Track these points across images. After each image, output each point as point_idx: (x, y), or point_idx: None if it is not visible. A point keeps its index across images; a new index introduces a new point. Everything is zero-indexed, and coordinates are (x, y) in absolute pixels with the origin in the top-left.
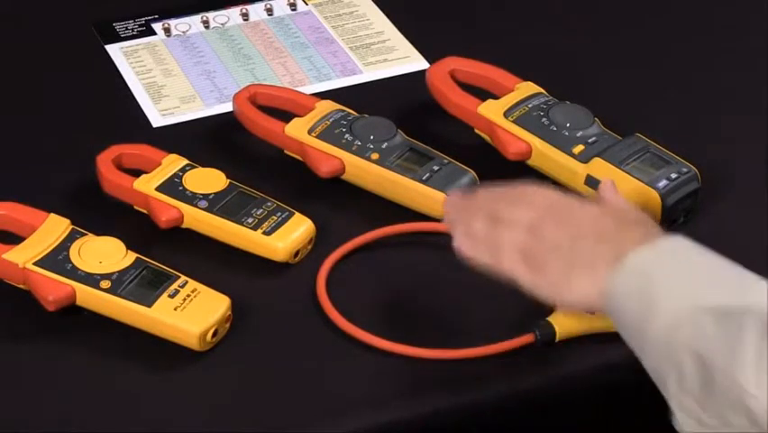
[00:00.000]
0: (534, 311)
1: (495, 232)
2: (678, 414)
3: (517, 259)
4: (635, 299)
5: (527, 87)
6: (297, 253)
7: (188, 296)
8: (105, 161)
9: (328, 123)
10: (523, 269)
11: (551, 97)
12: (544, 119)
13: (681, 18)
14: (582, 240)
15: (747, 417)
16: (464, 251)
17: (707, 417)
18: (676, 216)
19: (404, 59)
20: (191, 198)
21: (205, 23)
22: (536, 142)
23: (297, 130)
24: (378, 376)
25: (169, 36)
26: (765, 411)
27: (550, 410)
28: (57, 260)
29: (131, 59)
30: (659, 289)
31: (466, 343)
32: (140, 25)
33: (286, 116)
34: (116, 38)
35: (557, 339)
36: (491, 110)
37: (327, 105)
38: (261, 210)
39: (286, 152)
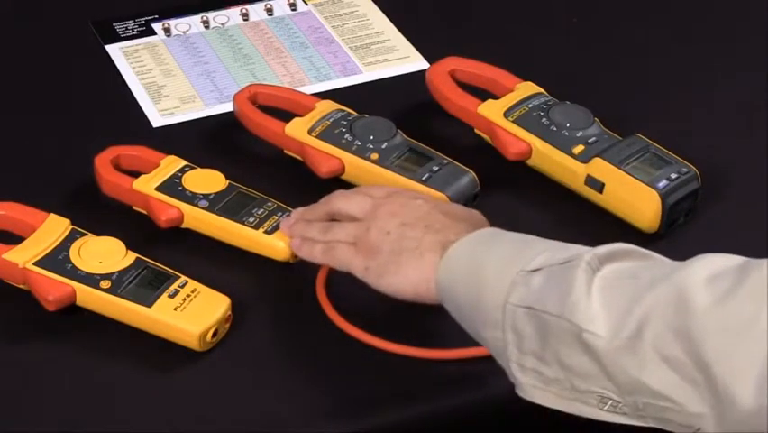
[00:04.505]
0: None
1: (329, 232)
2: (522, 380)
3: (350, 249)
4: (467, 279)
5: (527, 87)
6: None
7: (188, 296)
8: (102, 162)
9: (328, 123)
10: (354, 254)
11: (551, 97)
12: (543, 119)
13: (681, 18)
14: (411, 228)
15: (587, 354)
16: (300, 253)
17: (548, 370)
18: (676, 217)
19: (404, 59)
20: (191, 198)
21: (205, 23)
22: (536, 143)
23: (297, 130)
24: (378, 376)
25: (169, 36)
26: (603, 342)
27: (550, 410)
28: (57, 260)
29: (131, 59)
30: (487, 265)
31: (466, 343)
32: (140, 25)
33: (286, 116)
34: (116, 38)
35: None
36: (491, 110)
37: (327, 105)
38: (262, 210)
39: (286, 151)
